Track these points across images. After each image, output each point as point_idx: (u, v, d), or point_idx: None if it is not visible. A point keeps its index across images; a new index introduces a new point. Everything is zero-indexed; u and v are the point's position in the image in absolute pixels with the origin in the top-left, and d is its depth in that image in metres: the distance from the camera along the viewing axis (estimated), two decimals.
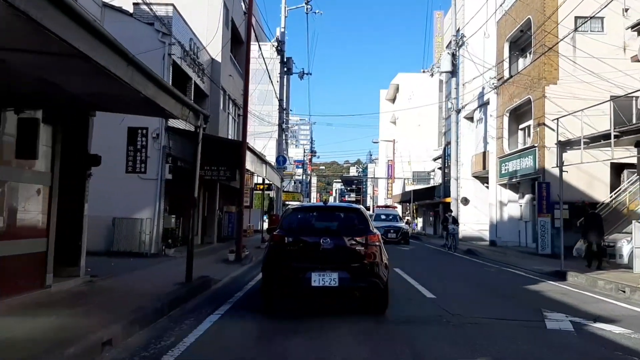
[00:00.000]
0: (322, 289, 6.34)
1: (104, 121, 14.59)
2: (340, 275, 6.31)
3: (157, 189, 14.25)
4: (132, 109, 8.38)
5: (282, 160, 25.06)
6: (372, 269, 6.53)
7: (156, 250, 14.11)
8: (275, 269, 6.64)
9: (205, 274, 10.52)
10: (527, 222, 21.75)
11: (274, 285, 6.69)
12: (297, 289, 6.61)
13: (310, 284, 6.30)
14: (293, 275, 6.45)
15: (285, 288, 6.69)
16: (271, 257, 6.79)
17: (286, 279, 6.53)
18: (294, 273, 6.45)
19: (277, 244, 6.79)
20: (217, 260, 13.51)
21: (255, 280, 10.12)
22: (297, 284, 6.45)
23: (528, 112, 21.46)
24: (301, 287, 6.44)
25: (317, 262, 6.43)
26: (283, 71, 25.46)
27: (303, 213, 7.85)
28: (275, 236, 6.90)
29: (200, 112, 9.09)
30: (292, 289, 6.65)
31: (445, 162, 35.53)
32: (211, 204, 19.23)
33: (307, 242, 6.68)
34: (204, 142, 16.79)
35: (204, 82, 18.28)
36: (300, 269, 6.41)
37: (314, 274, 6.31)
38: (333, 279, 6.30)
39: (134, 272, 10.69)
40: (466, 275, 12.33)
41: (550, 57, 18.58)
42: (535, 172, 19.10)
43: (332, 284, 6.30)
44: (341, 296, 6.96)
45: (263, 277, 6.92)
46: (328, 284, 6.30)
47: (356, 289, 6.58)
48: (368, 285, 6.50)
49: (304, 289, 6.46)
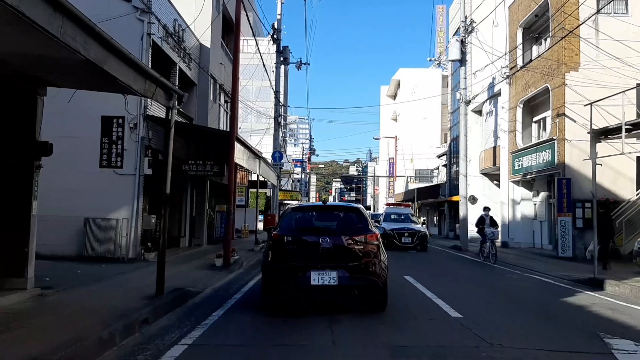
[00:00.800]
0: (321, 288, 6.35)
1: (75, 109, 13.05)
2: (340, 274, 6.36)
3: (135, 185, 12.66)
4: (84, 82, 6.78)
5: (278, 157, 23.45)
6: (371, 267, 6.56)
7: (134, 255, 12.52)
8: (275, 268, 6.62)
9: (183, 284, 8.95)
10: (543, 221, 20.16)
11: (273, 284, 6.65)
12: (296, 288, 6.50)
13: (310, 283, 6.32)
14: (292, 274, 6.43)
15: (284, 287, 6.59)
16: (270, 256, 6.74)
17: (285, 278, 6.49)
18: (293, 272, 6.44)
19: (277, 243, 6.76)
20: (203, 266, 11.92)
21: (243, 293, 8.53)
22: (296, 283, 6.41)
23: (544, 102, 19.88)
24: (300, 286, 6.40)
25: (317, 261, 6.44)
26: (279, 61, 23.85)
27: (302, 212, 7.78)
28: (275, 235, 6.87)
29: (173, 91, 7.50)
30: (292, 287, 6.54)
31: (451, 159, 33.94)
32: (200, 202, 17.62)
33: (306, 241, 6.67)
34: (187, 133, 15.24)
35: (190, 68, 16.67)
36: (299, 268, 6.41)
37: (313, 272, 6.34)
38: (332, 278, 6.34)
39: (101, 282, 9.12)
40: (488, 283, 10.74)
41: (570, 41, 16.99)
42: (554, 167, 17.51)
43: (331, 282, 6.34)
44: (340, 295, 6.85)
45: (262, 277, 6.94)
46: (327, 282, 6.33)
47: (355, 288, 6.53)
48: (367, 284, 6.53)
49: (303, 288, 6.41)
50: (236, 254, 12.64)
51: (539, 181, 20.26)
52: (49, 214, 12.30)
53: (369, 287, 6.57)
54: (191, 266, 11.95)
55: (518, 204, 21.45)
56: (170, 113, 7.71)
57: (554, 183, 17.53)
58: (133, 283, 8.99)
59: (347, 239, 6.66)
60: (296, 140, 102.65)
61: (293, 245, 6.73)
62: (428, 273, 11.99)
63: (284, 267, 6.53)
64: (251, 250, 16.66)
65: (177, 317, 6.42)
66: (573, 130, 16.90)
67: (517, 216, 21.44)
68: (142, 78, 6.32)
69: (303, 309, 6.91)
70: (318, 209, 7.86)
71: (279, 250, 6.70)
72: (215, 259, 11.91)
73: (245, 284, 9.54)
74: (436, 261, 16.12)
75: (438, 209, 36.57)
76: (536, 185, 20.88)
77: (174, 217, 16.37)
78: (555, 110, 17.58)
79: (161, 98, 7.25)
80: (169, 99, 7.54)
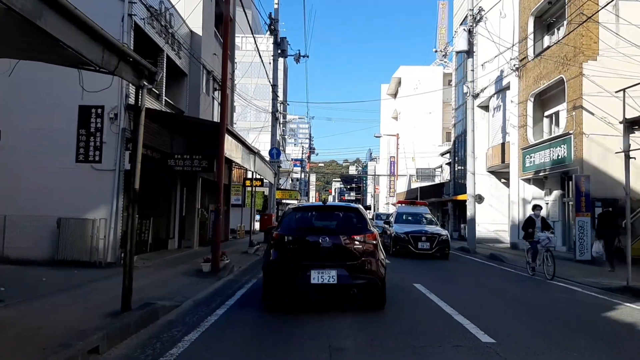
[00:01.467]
0: (321, 286, 6.45)
1: (49, 98, 11.86)
2: (339, 273, 6.45)
3: (115, 182, 11.45)
4: (17, 46, 5.50)
5: (275, 153, 22.25)
6: (370, 266, 6.65)
7: (113, 259, 11.31)
8: (276, 268, 6.70)
9: (160, 294, 7.75)
10: (556, 222, 18.93)
11: (274, 283, 6.73)
12: (297, 287, 6.64)
13: (310, 282, 6.42)
14: (293, 273, 6.53)
15: (285, 286, 6.71)
16: (271, 255, 6.81)
17: (286, 277, 6.59)
18: (294, 271, 6.54)
19: (278, 242, 6.83)
20: (188, 272, 10.70)
21: (227, 307, 7.31)
22: (296, 282, 6.52)
23: (557, 96, 18.68)
24: (301, 285, 6.52)
25: (316, 260, 6.55)
26: (277, 53, 22.62)
27: (303, 212, 7.82)
28: (276, 235, 6.93)
29: (142, 66, 6.28)
30: (292, 286, 6.67)
31: (455, 157, 32.75)
32: (191, 201, 16.39)
33: (307, 241, 6.75)
34: (173, 124, 13.89)
35: (180, 57, 15.46)
36: (299, 267, 6.51)
37: (313, 271, 6.44)
38: (332, 277, 6.44)
39: (66, 292, 7.93)
40: (511, 294, 9.53)
41: (588, 27, 15.79)
42: (570, 163, 16.31)
43: (331, 281, 6.43)
44: (339, 293, 7.00)
45: (263, 276, 6.97)
46: (327, 281, 6.43)
47: (354, 286, 6.63)
48: (366, 282, 6.63)
49: (303, 287, 6.53)
50: (226, 258, 11.43)
51: (552, 179, 19.05)
52: (18, 214, 11.11)
53: (368, 285, 6.69)
54: (175, 272, 10.75)
55: (529, 203, 20.19)
56: (140, 94, 6.49)
57: (571, 181, 16.32)
58: (103, 294, 7.79)
59: (347, 239, 6.76)
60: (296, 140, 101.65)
61: (293, 244, 6.80)
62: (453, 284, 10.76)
63: (284, 267, 6.62)
64: (245, 253, 15.45)
65: (138, 343, 5.19)
66: (591, 123, 15.71)
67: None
68: (98, 45, 5.10)
69: (301, 324, 5.71)
70: (318, 209, 7.92)
71: (279, 249, 6.77)
72: (203, 264, 10.70)
73: (233, 294, 8.33)
74: (462, 271, 13.12)
75: (441, 209, 35.36)
76: (548, 184, 19.67)
77: (161, 218, 15.16)
78: (571, 102, 16.37)
79: (127, 74, 6.03)
80: (137, 76, 6.32)
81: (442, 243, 15.80)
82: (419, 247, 15.57)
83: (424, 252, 15.53)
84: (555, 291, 9.56)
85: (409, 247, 15.63)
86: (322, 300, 7.49)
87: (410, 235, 15.77)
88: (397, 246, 15.94)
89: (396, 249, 15.90)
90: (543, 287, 10.02)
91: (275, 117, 22.24)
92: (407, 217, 18.16)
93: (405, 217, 18.19)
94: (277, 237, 6.88)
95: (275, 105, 22.37)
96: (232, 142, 12.69)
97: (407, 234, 15.86)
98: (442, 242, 15.81)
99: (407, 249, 15.60)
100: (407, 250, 15.58)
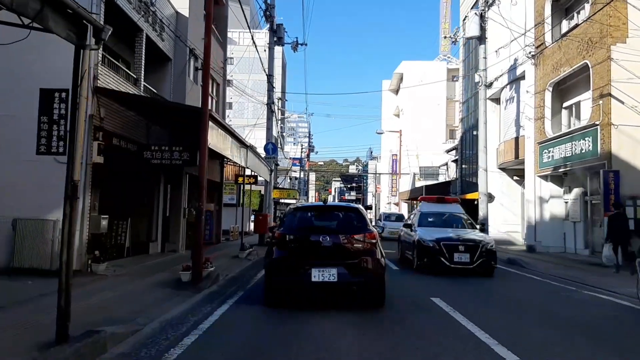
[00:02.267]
0: (322, 284, 6.68)
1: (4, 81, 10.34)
2: (339, 271, 6.67)
3: (81, 177, 9.83)
4: None
5: (271, 148, 20.67)
6: (369, 264, 6.82)
7: (78, 266, 9.72)
8: (278, 266, 6.91)
9: (120, 314, 6.21)
10: (577, 222, 17.40)
11: (276, 281, 6.93)
12: (298, 284, 6.92)
13: (311, 279, 6.65)
14: (294, 271, 6.76)
15: (286, 283, 6.98)
16: (273, 254, 7.01)
17: (288, 275, 6.82)
18: (295, 269, 6.77)
19: (280, 241, 7.06)
20: (165, 282, 9.14)
21: (202, 331, 5.75)
22: (298, 280, 6.75)
23: (577, 85, 17.14)
24: (302, 283, 6.76)
25: (317, 259, 6.77)
26: (273, 41, 21.05)
27: (304, 212, 8.00)
28: (278, 234, 7.18)
29: (82, 18, 4.74)
30: (293, 284, 6.96)
31: (462, 154, 31.23)
32: (175, 199, 14.80)
33: (308, 240, 6.97)
34: (150, 110, 12.08)
35: (163, 39, 13.89)
36: (301, 265, 6.75)
37: (314, 269, 6.66)
38: (332, 275, 6.66)
39: (5, 311, 6.38)
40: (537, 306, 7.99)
41: (616, 7, 14.25)
42: (595, 158, 14.75)
43: (331, 279, 6.65)
44: (339, 290, 7.30)
45: (265, 274, 7.15)
46: (327, 279, 6.65)
47: (354, 284, 6.93)
48: (365, 280, 6.88)
49: (304, 284, 6.77)
50: (210, 265, 9.86)
51: (572, 175, 17.49)
52: None
53: (367, 283, 6.93)
54: (150, 282, 9.18)
55: (546, 202, 18.68)
56: (81, 55, 4.93)
57: (598, 177, 14.76)
58: (49, 314, 6.17)
59: (347, 238, 6.96)
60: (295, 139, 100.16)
61: (295, 243, 6.99)
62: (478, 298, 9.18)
63: (286, 265, 6.83)
64: (235, 258, 13.87)
65: None
66: (620, 113, 14.18)
67: (545, 216, 18.66)
68: None
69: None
70: (319, 209, 8.13)
71: (282, 248, 6.98)
72: (181, 273, 9.13)
73: (211, 312, 6.76)
74: (484, 281, 10.64)
75: None
76: (568, 181, 18.11)
77: (141, 218, 13.61)
78: (597, 90, 14.80)
79: (59, 27, 4.49)
80: (77, 33, 4.79)
81: (487, 254, 11.33)
82: (456, 260, 11.21)
83: (461, 266, 11.21)
84: (587, 302, 7.99)
85: (441, 259, 11.29)
86: (323, 313, 5.95)
87: (442, 244, 11.37)
88: (423, 259, 11.67)
89: (423, 262, 11.68)
90: (574, 297, 8.44)
91: (270, 109, 20.66)
92: (435, 219, 13.58)
93: (433, 219, 13.58)
94: (279, 236, 7.13)
95: (271, 96, 20.79)
96: (220, 132, 11.13)
97: (437, 242, 11.45)
98: (487, 252, 11.35)
99: (438, 263, 11.32)
100: (437, 264, 11.32)
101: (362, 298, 7.29)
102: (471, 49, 29.23)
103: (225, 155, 11.69)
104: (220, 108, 19.81)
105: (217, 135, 10.81)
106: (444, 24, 61.68)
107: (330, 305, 7.21)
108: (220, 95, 19.94)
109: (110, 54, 11.79)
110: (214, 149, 10.49)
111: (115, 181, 11.57)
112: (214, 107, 19.00)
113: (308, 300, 7.58)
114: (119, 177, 11.75)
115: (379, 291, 7.04)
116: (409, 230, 13.55)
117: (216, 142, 10.71)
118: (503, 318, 6.87)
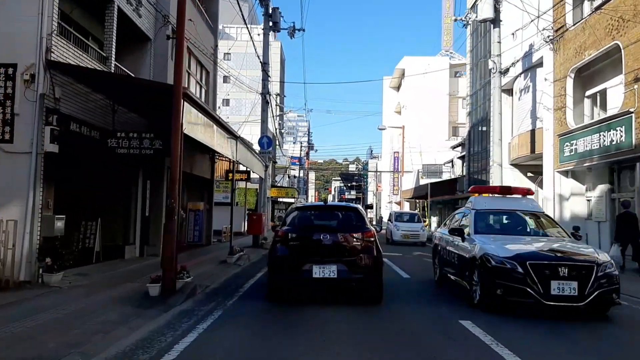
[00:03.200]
0: (322, 280, 7.01)
1: None
2: (339, 268, 6.99)
3: (31, 169, 8.23)
4: None
5: (266, 142, 19.03)
6: (367, 261, 7.16)
7: (28, 276, 8.10)
8: (280, 264, 7.25)
9: (55, 344, 4.56)
10: (602, 222, 15.74)
11: (278, 277, 7.30)
12: (299, 280, 7.22)
13: (312, 276, 6.98)
14: (296, 268, 7.09)
15: (288, 279, 7.29)
16: (277, 251, 7.34)
17: (289, 272, 7.15)
18: (297, 266, 7.09)
19: (282, 239, 7.42)
20: (129, 296, 7.49)
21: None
22: (299, 276, 7.08)
23: (602, 70, 15.49)
24: (303, 278, 7.09)
25: (318, 256, 7.09)
26: (268, 26, 19.41)
27: (305, 212, 8.35)
28: (281, 233, 7.51)
29: None
30: (295, 280, 7.25)
31: (470, 149, 29.59)
32: (156, 197, 13.11)
33: (309, 238, 7.28)
34: (113, 88, 9.86)
35: (140, 16, 12.23)
36: (302, 262, 7.07)
37: (314, 266, 6.99)
38: (332, 271, 6.98)
39: None
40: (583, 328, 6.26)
41: None
42: (630, 150, 13.09)
43: (331, 275, 6.98)
44: (339, 286, 7.58)
45: (268, 270, 7.52)
46: (327, 275, 6.98)
47: (353, 280, 7.20)
48: (364, 277, 7.16)
49: (305, 280, 7.11)
50: (187, 275, 8.22)
51: (597, 171, 15.84)
52: None
53: (366, 279, 7.20)
54: (110, 296, 7.51)
55: (566, 200, 17.03)
56: None
57: (630, 171, 13.11)
58: None
59: (346, 236, 7.30)
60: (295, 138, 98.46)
61: (297, 241, 7.36)
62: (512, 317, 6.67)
63: (288, 262, 7.18)
64: (223, 263, 12.22)
65: None
66: None
67: (566, 215, 17.00)
68: None
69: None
70: (319, 209, 8.52)
71: (284, 246, 7.34)
72: (149, 285, 7.48)
73: (175, 342, 5.11)
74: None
75: (454, 207, 32.13)
76: (591, 177, 16.45)
77: (115, 218, 11.96)
78: (631, 74, 13.14)
79: None
80: None
81: (607, 282, 6.62)
82: (555, 293, 6.46)
83: (564, 302, 6.49)
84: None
85: (528, 291, 6.54)
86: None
87: (529, 265, 6.62)
88: (499, 288, 6.76)
89: (494, 295, 6.83)
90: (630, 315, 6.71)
91: (265, 99, 19.00)
92: (501, 222, 9.03)
93: (497, 222, 9.00)
94: (282, 234, 7.46)
95: (266, 86, 19.14)
96: (200, 117, 9.48)
97: (521, 263, 6.68)
98: (605, 278, 6.62)
99: (524, 295, 6.59)
100: (522, 298, 6.62)
101: (360, 296, 7.54)
102: (480, 37, 27.58)
103: (206, 143, 10.02)
104: (210, 98, 18.16)
105: (197, 120, 9.16)
106: (447, 19, 60.15)
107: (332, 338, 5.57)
108: (210, 84, 18.30)
109: (77, 30, 10.13)
110: (192, 136, 8.84)
111: (79, 175, 9.91)
112: (202, 97, 17.36)
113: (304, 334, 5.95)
114: (84, 170, 10.08)
115: (376, 289, 7.36)
116: (459, 240, 8.36)
117: (195, 129, 9.06)
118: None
